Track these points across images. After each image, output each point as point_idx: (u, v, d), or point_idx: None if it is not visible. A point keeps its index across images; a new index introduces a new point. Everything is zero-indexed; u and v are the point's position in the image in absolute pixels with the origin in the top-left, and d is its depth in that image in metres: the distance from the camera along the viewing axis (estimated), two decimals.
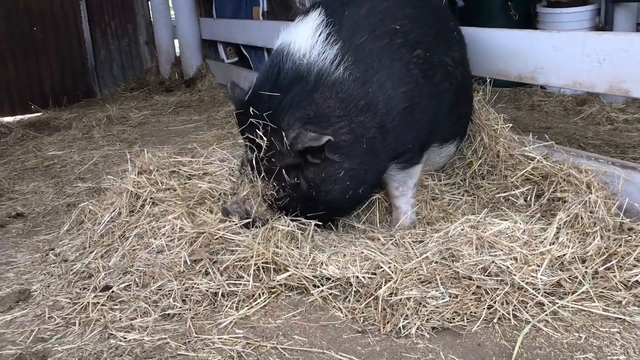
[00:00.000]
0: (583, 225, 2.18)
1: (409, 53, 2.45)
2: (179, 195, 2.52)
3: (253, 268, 2.13)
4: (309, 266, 2.15)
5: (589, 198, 2.27)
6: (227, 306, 2.06)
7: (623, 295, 1.97)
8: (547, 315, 1.90)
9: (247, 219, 2.31)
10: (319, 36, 2.36)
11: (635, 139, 3.67)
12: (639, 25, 4.86)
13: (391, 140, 2.42)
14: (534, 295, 1.96)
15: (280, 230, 2.27)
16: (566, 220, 2.22)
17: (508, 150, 2.73)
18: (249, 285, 2.10)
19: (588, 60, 2.55)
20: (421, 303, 1.94)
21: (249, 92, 2.40)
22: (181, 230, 2.31)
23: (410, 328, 1.87)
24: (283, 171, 2.32)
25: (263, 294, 2.10)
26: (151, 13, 6.84)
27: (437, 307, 1.93)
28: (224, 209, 2.36)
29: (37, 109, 5.89)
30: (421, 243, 2.25)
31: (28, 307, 2.19)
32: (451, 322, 1.90)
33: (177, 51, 6.82)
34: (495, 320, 1.90)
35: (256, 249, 2.14)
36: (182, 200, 2.49)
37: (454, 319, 1.91)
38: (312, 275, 2.12)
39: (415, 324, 1.88)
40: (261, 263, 2.14)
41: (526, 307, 1.93)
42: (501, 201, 2.62)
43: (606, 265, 2.06)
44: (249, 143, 2.36)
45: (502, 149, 2.74)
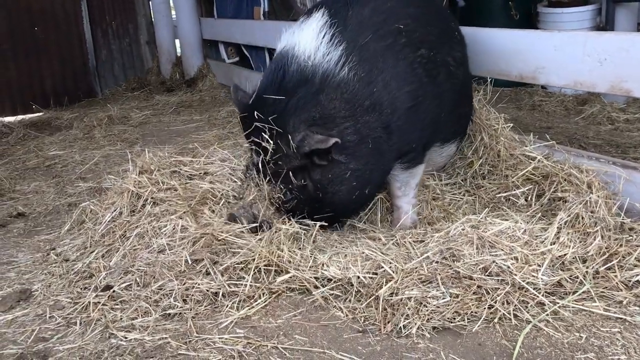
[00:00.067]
0: (584, 225, 2.18)
1: (413, 53, 2.45)
2: (180, 195, 2.52)
3: (254, 270, 2.13)
4: (310, 267, 2.15)
5: (590, 198, 2.27)
6: (228, 306, 2.06)
7: (624, 295, 1.97)
8: (548, 315, 1.90)
9: (255, 224, 2.31)
10: (323, 37, 2.35)
11: (636, 139, 3.67)
12: None
13: (396, 139, 2.42)
14: (535, 295, 1.95)
15: (283, 231, 2.27)
16: (567, 220, 2.22)
17: (509, 150, 2.73)
18: (249, 286, 2.10)
19: (589, 60, 2.55)
20: (422, 303, 1.94)
21: (254, 96, 2.40)
22: (183, 230, 2.31)
23: (411, 328, 1.87)
24: (290, 174, 2.31)
25: (264, 295, 2.10)
26: (152, 13, 6.84)
27: (438, 307, 1.93)
28: (231, 215, 2.35)
29: (38, 109, 5.89)
30: (422, 243, 2.24)
31: (29, 307, 2.19)
32: (452, 322, 1.90)
33: (178, 51, 6.82)
34: (496, 320, 1.90)
35: (259, 252, 2.14)
36: (183, 200, 2.49)
37: (455, 319, 1.91)
38: (314, 276, 2.12)
39: (416, 324, 1.88)
40: (263, 265, 2.14)
41: (527, 307, 1.93)
42: (502, 201, 2.62)
43: (607, 265, 2.06)
44: (255, 147, 2.35)
45: (503, 149, 2.74)
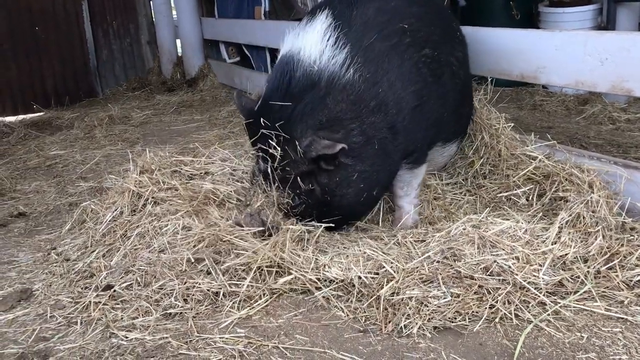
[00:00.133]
0: (585, 224, 2.18)
1: (418, 52, 2.44)
2: (181, 194, 2.52)
3: (257, 270, 2.12)
4: (312, 269, 2.14)
5: (591, 198, 2.27)
6: (229, 306, 2.05)
7: (625, 295, 1.97)
8: (549, 314, 1.90)
9: (262, 228, 2.30)
10: (328, 41, 2.34)
11: (637, 139, 3.66)
12: None
13: (402, 140, 2.41)
14: (536, 294, 1.95)
15: (289, 233, 2.26)
16: (568, 219, 2.21)
17: (510, 149, 2.73)
18: (250, 286, 2.10)
19: (590, 59, 2.55)
20: (423, 302, 1.94)
21: (259, 102, 2.39)
22: (185, 229, 2.31)
23: (412, 327, 1.87)
24: (297, 179, 2.31)
25: (265, 295, 2.10)
26: (153, 13, 6.85)
27: (439, 307, 1.92)
28: (237, 223, 2.34)
29: (39, 109, 5.89)
30: (423, 242, 2.24)
31: (30, 306, 2.19)
32: (453, 322, 1.89)
33: (179, 51, 6.82)
34: (497, 319, 1.89)
35: (262, 254, 2.14)
36: (184, 199, 2.49)
37: (456, 319, 1.90)
38: (316, 277, 2.12)
39: (417, 324, 1.87)
40: (265, 267, 2.13)
41: (528, 307, 1.93)
42: (503, 201, 2.62)
43: (608, 265, 2.06)
44: (262, 153, 2.34)
45: (504, 149, 2.73)
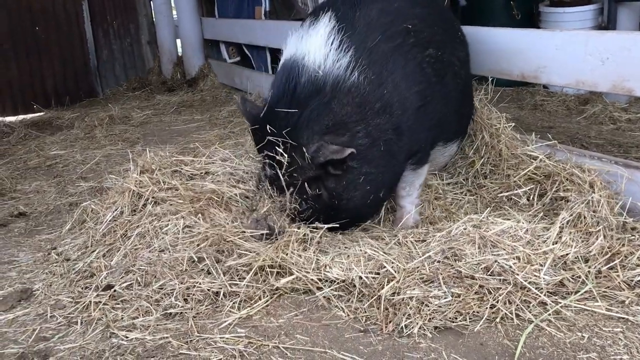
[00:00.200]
0: (586, 224, 2.18)
1: (422, 52, 2.44)
2: (181, 194, 2.52)
3: (258, 271, 2.13)
4: (313, 269, 2.14)
5: (592, 197, 2.27)
6: (229, 306, 2.05)
7: (626, 294, 1.96)
8: (550, 314, 1.90)
9: (269, 232, 2.30)
10: (332, 44, 2.33)
11: (638, 139, 3.66)
12: None
13: (406, 140, 2.41)
14: (537, 294, 1.95)
15: (293, 235, 2.26)
16: (569, 219, 2.21)
17: (510, 149, 2.73)
18: (251, 286, 2.09)
19: (591, 59, 2.55)
20: (424, 302, 1.94)
21: (265, 108, 2.37)
22: (186, 229, 2.31)
23: (412, 327, 1.87)
24: (305, 184, 2.30)
25: (265, 295, 2.10)
26: (153, 13, 6.84)
27: (440, 307, 1.92)
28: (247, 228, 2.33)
29: (40, 109, 5.89)
30: (424, 242, 2.24)
31: (30, 306, 2.19)
32: (454, 322, 1.89)
33: (180, 51, 6.82)
34: (497, 319, 1.89)
35: (265, 255, 2.14)
36: (185, 199, 2.49)
37: (457, 319, 1.90)
38: (317, 278, 2.12)
39: (417, 324, 1.87)
40: (267, 267, 2.13)
41: (529, 307, 1.93)
42: (504, 200, 2.62)
43: (609, 264, 2.05)
44: (268, 160, 2.33)
45: (505, 148, 2.73)
